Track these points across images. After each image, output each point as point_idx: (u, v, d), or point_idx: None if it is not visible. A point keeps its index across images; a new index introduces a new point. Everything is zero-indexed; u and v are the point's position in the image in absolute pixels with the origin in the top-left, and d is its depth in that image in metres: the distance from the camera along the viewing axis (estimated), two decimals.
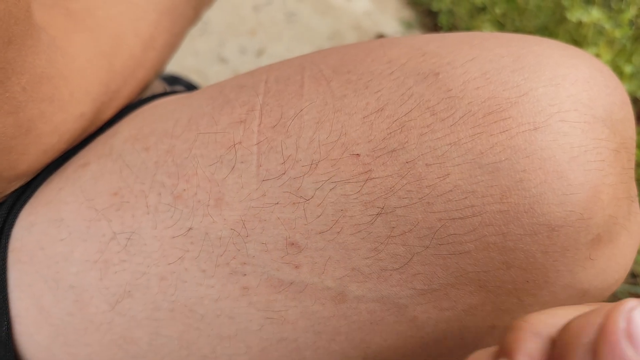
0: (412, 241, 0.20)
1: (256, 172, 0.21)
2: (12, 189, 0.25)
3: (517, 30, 1.09)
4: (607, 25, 0.91)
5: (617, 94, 0.22)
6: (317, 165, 0.21)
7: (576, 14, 0.93)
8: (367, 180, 0.20)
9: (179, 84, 0.82)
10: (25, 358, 0.24)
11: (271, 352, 0.22)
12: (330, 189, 0.20)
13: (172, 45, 0.36)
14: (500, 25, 1.10)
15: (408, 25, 1.15)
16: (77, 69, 0.25)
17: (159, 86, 0.35)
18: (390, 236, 0.20)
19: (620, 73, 0.93)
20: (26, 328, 0.23)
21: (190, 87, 0.78)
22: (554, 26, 1.06)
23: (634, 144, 0.24)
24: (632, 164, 0.23)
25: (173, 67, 0.86)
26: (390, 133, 0.20)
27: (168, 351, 0.22)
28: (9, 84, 0.20)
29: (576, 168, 0.20)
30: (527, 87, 0.20)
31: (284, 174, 0.21)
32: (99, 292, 0.22)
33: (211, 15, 0.95)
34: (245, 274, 0.21)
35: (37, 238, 0.23)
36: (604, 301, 0.25)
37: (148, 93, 0.34)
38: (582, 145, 0.20)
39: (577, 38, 0.97)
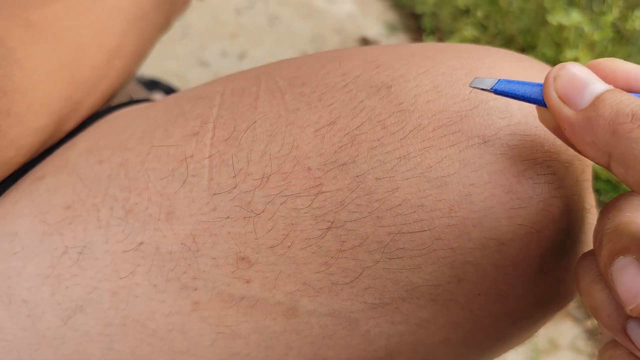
0: (362, 255, 0.20)
1: (207, 185, 0.21)
2: None
3: (499, 32, 1.09)
4: (587, 28, 0.92)
5: None
6: (268, 178, 0.21)
7: (557, 17, 0.94)
8: (317, 194, 0.20)
9: (158, 89, 0.81)
10: None
11: None
12: (281, 203, 0.20)
13: (140, 54, 0.36)
14: (483, 28, 1.10)
15: (392, 28, 1.15)
16: (35, 82, 0.25)
17: (124, 95, 0.35)
18: (341, 250, 0.20)
19: None
20: None
21: (169, 91, 0.77)
22: (537, 28, 1.07)
23: None
24: (588, 176, 0.23)
25: (153, 71, 0.86)
26: (341, 147, 0.20)
27: None
28: None
29: (525, 181, 0.20)
30: (478, 100, 0.21)
31: (235, 187, 0.21)
32: (51, 307, 0.22)
33: (192, 18, 0.95)
34: (196, 289, 0.21)
35: None
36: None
37: (115, 101, 0.34)
38: (531, 158, 0.20)
39: (558, 41, 0.98)
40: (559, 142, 0.21)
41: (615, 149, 0.16)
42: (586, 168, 0.23)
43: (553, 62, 0.97)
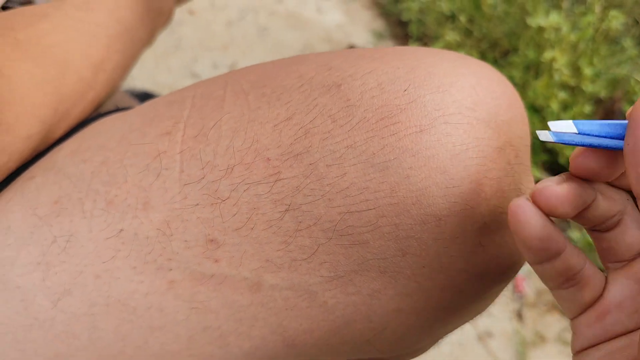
0: (316, 233, 0.22)
1: (179, 177, 0.24)
2: None
3: (484, 36, 1.12)
4: (565, 29, 0.95)
5: (504, 98, 0.25)
6: (232, 169, 0.23)
7: (536, 19, 0.97)
8: (276, 181, 0.23)
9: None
10: None
11: (198, 339, 0.24)
12: (244, 190, 0.23)
13: (125, 67, 0.38)
14: (468, 32, 1.13)
15: (379, 36, 1.18)
16: (22, 95, 0.27)
17: (111, 104, 0.38)
18: (298, 230, 0.23)
19: (580, 75, 0.97)
20: None
21: None
22: (520, 31, 1.10)
23: (525, 142, 0.26)
24: (523, 160, 0.26)
25: (147, 83, 0.89)
26: (297, 139, 0.23)
27: (106, 344, 0.24)
28: None
29: (457, 164, 0.22)
30: (416, 94, 0.23)
31: (203, 178, 0.23)
32: (42, 292, 0.24)
33: (184, 31, 0.98)
34: (171, 269, 0.23)
35: None
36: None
37: (103, 110, 0.37)
38: (463, 143, 0.23)
39: (539, 42, 1.01)
40: (491, 130, 0.24)
41: None
42: (520, 153, 0.25)
43: (535, 63, 1.00)
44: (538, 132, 0.21)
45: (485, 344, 0.69)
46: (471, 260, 0.24)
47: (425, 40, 1.17)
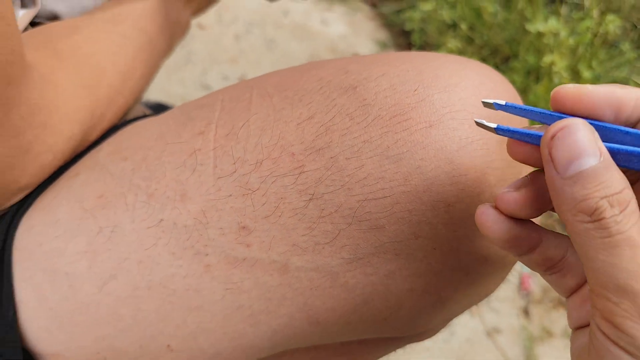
0: (338, 220, 0.25)
1: (213, 172, 0.26)
2: (15, 200, 0.30)
3: (485, 43, 1.15)
4: (563, 34, 0.97)
5: (505, 95, 0.28)
6: (261, 163, 0.26)
7: (535, 25, 1.00)
8: (300, 173, 0.25)
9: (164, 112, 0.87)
10: (29, 339, 0.28)
11: (232, 318, 0.26)
12: (272, 182, 0.25)
13: (148, 75, 0.41)
14: (469, 40, 1.16)
15: (383, 46, 1.21)
16: (64, 100, 0.30)
17: (139, 110, 0.40)
18: (321, 216, 0.25)
19: (580, 78, 0.99)
20: (29, 313, 0.28)
21: None
22: (520, 38, 1.12)
23: None
24: None
25: (160, 95, 0.92)
26: (318, 135, 0.26)
27: (148, 324, 0.27)
28: (11, 115, 0.25)
29: (464, 155, 0.25)
30: (425, 94, 0.26)
31: (235, 172, 0.26)
32: (89, 278, 0.27)
33: (195, 45, 1.01)
34: (207, 254, 0.26)
35: (36, 237, 0.28)
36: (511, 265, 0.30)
37: (129, 117, 0.40)
38: (468, 137, 0.25)
39: (538, 47, 1.03)
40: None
41: (570, 233, 0.18)
42: None
43: (535, 68, 1.03)
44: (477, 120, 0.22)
45: (494, 339, 0.71)
46: (477, 243, 0.26)
47: (427, 48, 1.20)
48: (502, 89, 0.28)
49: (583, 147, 0.17)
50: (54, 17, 0.44)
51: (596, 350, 0.18)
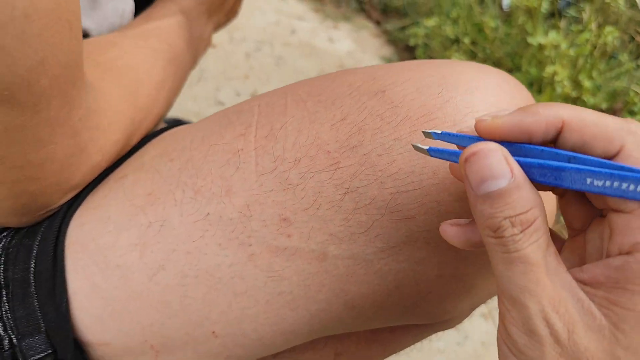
0: (372, 211, 0.27)
1: (255, 169, 0.29)
2: (67, 199, 0.32)
3: (487, 57, 1.19)
4: (563, 46, 1.01)
5: (520, 97, 0.30)
6: (299, 161, 0.28)
7: (536, 38, 1.03)
8: (336, 169, 0.28)
9: None
10: (80, 328, 0.30)
11: (273, 303, 0.29)
12: (310, 177, 0.28)
13: (176, 88, 0.44)
14: (472, 54, 1.20)
15: (389, 61, 1.25)
16: (111, 106, 0.32)
17: (160, 124, 0.43)
18: (356, 209, 0.27)
19: (581, 88, 1.02)
20: (81, 303, 0.30)
21: None
22: (521, 51, 1.16)
23: None
24: None
25: (175, 111, 0.95)
26: (351, 135, 0.28)
27: (194, 310, 0.29)
28: (71, 116, 0.28)
29: None
30: (449, 96, 0.28)
31: (275, 169, 0.28)
32: (140, 268, 0.29)
33: (207, 63, 1.05)
34: (250, 244, 0.28)
35: (88, 233, 0.30)
36: None
37: (160, 126, 0.42)
38: None
39: (540, 59, 1.07)
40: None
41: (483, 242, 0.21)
42: None
43: (537, 79, 1.06)
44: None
45: None
46: None
47: None
48: (516, 91, 0.30)
49: (491, 170, 0.20)
50: (83, 34, 0.47)
51: (498, 345, 0.22)
